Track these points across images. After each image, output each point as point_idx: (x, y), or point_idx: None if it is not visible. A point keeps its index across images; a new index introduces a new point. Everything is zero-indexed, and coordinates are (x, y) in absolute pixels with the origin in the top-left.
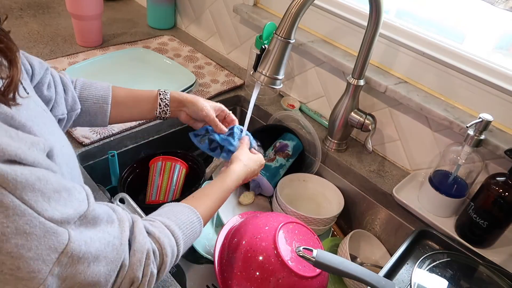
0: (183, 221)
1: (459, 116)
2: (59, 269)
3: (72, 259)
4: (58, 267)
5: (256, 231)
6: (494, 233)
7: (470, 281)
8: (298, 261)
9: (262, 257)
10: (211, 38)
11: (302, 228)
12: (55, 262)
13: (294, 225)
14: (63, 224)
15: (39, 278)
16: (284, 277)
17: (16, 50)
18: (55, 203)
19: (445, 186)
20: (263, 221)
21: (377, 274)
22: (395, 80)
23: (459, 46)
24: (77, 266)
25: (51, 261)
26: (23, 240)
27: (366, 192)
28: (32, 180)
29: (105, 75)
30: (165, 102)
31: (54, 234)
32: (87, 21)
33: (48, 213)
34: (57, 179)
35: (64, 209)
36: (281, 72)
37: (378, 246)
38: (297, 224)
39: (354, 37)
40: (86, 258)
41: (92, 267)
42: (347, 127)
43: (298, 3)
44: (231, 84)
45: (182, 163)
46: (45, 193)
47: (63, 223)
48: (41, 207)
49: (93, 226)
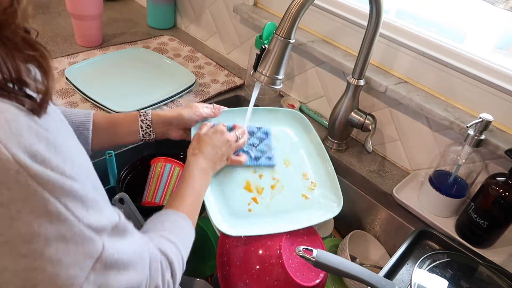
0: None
1: (459, 116)
2: (94, 276)
3: (106, 266)
4: (93, 274)
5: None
6: (494, 233)
7: (470, 281)
8: (299, 268)
9: (264, 255)
10: (211, 38)
11: (312, 235)
12: (91, 269)
13: (305, 231)
14: (99, 232)
15: (76, 284)
16: (280, 280)
17: (50, 57)
18: (92, 211)
19: (445, 186)
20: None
21: (377, 274)
22: (395, 80)
23: (459, 46)
24: (110, 274)
25: (87, 268)
26: (64, 245)
27: (366, 192)
28: (74, 188)
29: (105, 75)
30: (146, 123)
31: (91, 241)
32: (87, 21)
33: (85, 220)
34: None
35: (100, 218)
36: (281, 72)
37: (377, 247)
38: (307, 230)
39: (354, 37)
40: (118, 266)
41: (123, 275)
42: (347, 127)
43: (298, 3)
44: (231, 84)
45: (182, 167)
46: (84, 201)
47: (99, 231)
48: (80, 214)
49: (123, 237)
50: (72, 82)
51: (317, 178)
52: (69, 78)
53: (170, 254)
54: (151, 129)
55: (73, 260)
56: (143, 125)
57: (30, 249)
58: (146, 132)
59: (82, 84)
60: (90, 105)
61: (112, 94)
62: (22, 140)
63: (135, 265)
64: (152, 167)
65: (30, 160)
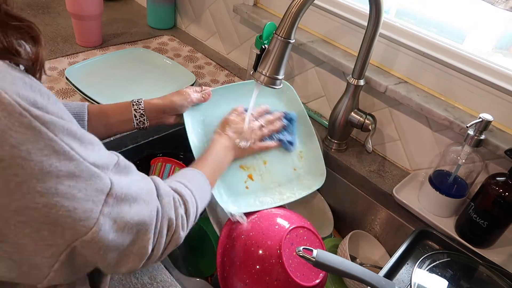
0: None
1: (459, 116)
2: (108, 209)
3: (117, 200)
4: (107, 207)
5: (265, 228)
6: (494, 233)
7: (470, 281)
8: (299, 268)
9: (264, 255)
10: (211, 38)
11: (312, 235)
12: (104, 203)
13: (305, 231)
14: (104, 170)
15: (92, 217)
16: (280, 280)
17: (38, 30)
18: (91, 151)
19: (445, 186)
20: (274, 219)
21: (377, 274)
22: (395, 80)
23: (459, 46)
24: (122, 207)
25: (100, 202)
26: (74, 182)
27: (366, 192)
28: (73, 129)
29: (105, 75)
30: (140, 112)
31: (99, 178)
32: (87, 21)
33: (90, 158)
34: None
35: (100, 157)
36: (281, 72)
37: (377, 247)
38: (308, 230)
39: (354, 37)
40: (128, 199)
41: (134, 207)
42: (347, 127)
43: (298, 3)
44: None
45: (183, 167)
46: (82, 141)
47: (104, 168)
48: (83, 153)
49: (126, 174)
50: (72, 82)
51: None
52: (69, 78)
53: (184, 194)
54: (145, 118)
55: (86, 195)
56: (137, 114)
57: (45, 187)
58: (140, 120)
59: (82, 84)
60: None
61: (112, 94)
62: (18, 89)
63: (143, 198)
64: (152, 167)
65: (29, 105)
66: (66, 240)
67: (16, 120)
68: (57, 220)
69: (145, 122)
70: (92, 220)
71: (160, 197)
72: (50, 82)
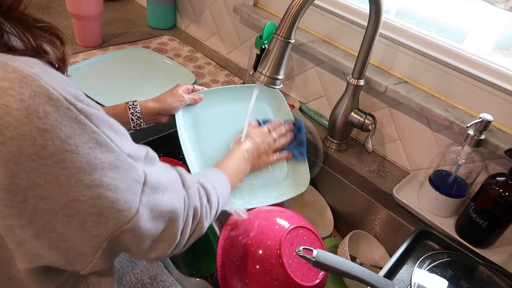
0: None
1: (459, 116)
2: (145, 199)
3: (152, 189)
4: (144, 197)
5: (265, 228)
6: (494, 233)
7: (470, 281)
8: (299, 268)
9: (264, 255)
10: (211, 38)
11: (312, 235)
12: (141, 192)
13: (305, 231)
14: (137, 161)
15: (133, 207)
16: (280, 280)
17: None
18: (126, 143)
19: (445, 186)
20: (274, 219)
21: (377, 274)
22: (395, 80)
23: (459, 46)
24: (156, 195)
25: (138, 192)
26: (116, 173)
27: (366, 192)
28: (110, 121)
29: (105, 75)
30: (136, 115)
31: (135, 168)
32: (87, 21)
33: (126, 150)
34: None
35: (133, 148)
36: (281, 72)
37: (377, 247)
38: (308, 230)
39: (354, 37)
40: (160, 188)
41: (166, 195)
42: (347, 127)
43: (298, 3)
44: (231, 84)
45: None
46: (118, 133)
47: (137, 160)
48: (120, 145)
49: (154, 164)
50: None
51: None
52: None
53: (208, 187)
54: (141, 120)
55: (126, 186)
56: (133, 117)
57: (91, 180)
58: (137, 123)
59: (82, 84)
60: None
61: (112, 94)
62: (60, 84)
63: (172, 186)
64: None
65: (74, 99)
66: (109, 230)
67: (64, 114)
68: (102, 211)
69: (141, 124)
70: (133, 210)
71: (186, 187)
72: None
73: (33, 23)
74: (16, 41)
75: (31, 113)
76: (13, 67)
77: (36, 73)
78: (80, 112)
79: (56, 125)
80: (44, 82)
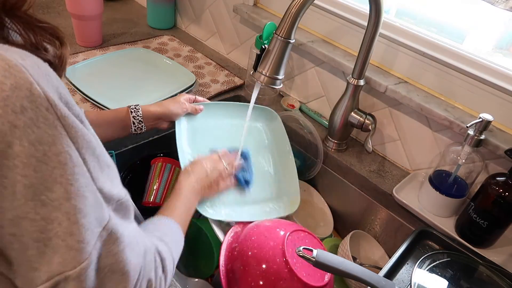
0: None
1: (459, 116)
2: (100, 244)
3: (111, 238)
4: (100, 242)
5: (267, 231)
6: (494, 233)
7: (470, 281)
8: (304, 268)
9: (268, 255)
10: (211, 38)
11: (313, 239)
12: (99, 235)
13: (306, 234)
14: (106, 200)
15: (86, 250)
16: (287, 279)
17: (64, 36)
18: (105, 177)
19: (445, 186)
20: (274, 225)
21: (377, 274)
22: (395, 80)
23: (459, 46)
24: (114, 246)
25: (96, 234)
26: (81, 203)
27: (366, 192)
28: (92, 142)
29: (105, 75)
30: (138, 119)
31: (101, 206)
32: (87, 21)
33: (99, 183)
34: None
35: (110, 186)
36: (281, 72)
37: (377, 247)
38: (308, 234)
39: (354, 37)
40: (122, 240)
41: (126, 251)
42: (347, 127)
43: (298, 3)
44: (231, 84)
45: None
46: (100, 162)
47: (107, 198)
48: (96, 174)
49: (125, 216)
50: (72, 82)
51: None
52: (69, 78)
53: (163, 251)
54: (142, 124)
55: (87, 223)
56: (135, 121)
57: (50, 198)
58: (138, 127)
59: (82, 84)
60: (90, 105)
61: (112, 94)
62: (51, 81)
63: (133, 248)
64: (152, 167)
65: (58, 100)
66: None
67: (41, 115)
68: (50, 240)
69: (142, 128)
70: (85, 255)
71: (145, 254)
72: None
73: (35, 22)
74: (16, 36)
75: (7, 105)
76: (2, 56)
77: (25, 65)
78: (59, 119)
79: (29, 124)
80: (29, 75)
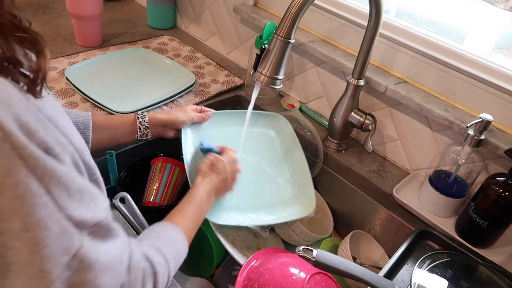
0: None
1: (459, 116)
2: (68, 273)
3: (82, 266)
4: (68, 271)
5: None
6: (494, 233)
7: (470, 281)
8: None
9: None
10: (211, 38)
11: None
12: (66, 265)
13: (321, 276)
14: (79, 226)
15: (48, 280)
16: None
17: (44, 42)
18: (77, 203)
19: (445, 186)
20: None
21: (377, 274)
22: (395, 80)
23: (459, 46)
24: (85, 274)
25: (62, 264)
26: (41, 234)
27: (366, 192)
28: (57, 171)
29: (105, 75)
30: (144, 125)
31: (69, 235)
32: (87, 21)
33: (68, 211)
34: (83, 180)
35: (83, 211)
36: (281, 72)
37: (377, 247)
38: (324, 275)
39: (354, 37)
40: (95, 267)
41: (99, 278)
42: (347, 127)
43: (298, 3)
44: (231, 84)
45: (182, 167)
46: (69, 189)
47: (79, 225)
48: (63, 203)
49: (104, 238)
50: (72, 82)
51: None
52: (69, 78)
53: (157, 265)
54: (148, 130)
55: (49, 253)
56: (141, 127)
57: (9, 227)
58: (144, 133)
59: (82, 84)
60: (90, 105)
61: (112, 94)
62: (12, 108)
63: (111, 270)
64: (152, 167)
65: (17, 129)
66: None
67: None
68: (11, 265)
69: (148, 134)
70: (48, 283)
71: (130, 270)
72: (50, 82)
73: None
74: None
75: None
76: None
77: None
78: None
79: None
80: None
